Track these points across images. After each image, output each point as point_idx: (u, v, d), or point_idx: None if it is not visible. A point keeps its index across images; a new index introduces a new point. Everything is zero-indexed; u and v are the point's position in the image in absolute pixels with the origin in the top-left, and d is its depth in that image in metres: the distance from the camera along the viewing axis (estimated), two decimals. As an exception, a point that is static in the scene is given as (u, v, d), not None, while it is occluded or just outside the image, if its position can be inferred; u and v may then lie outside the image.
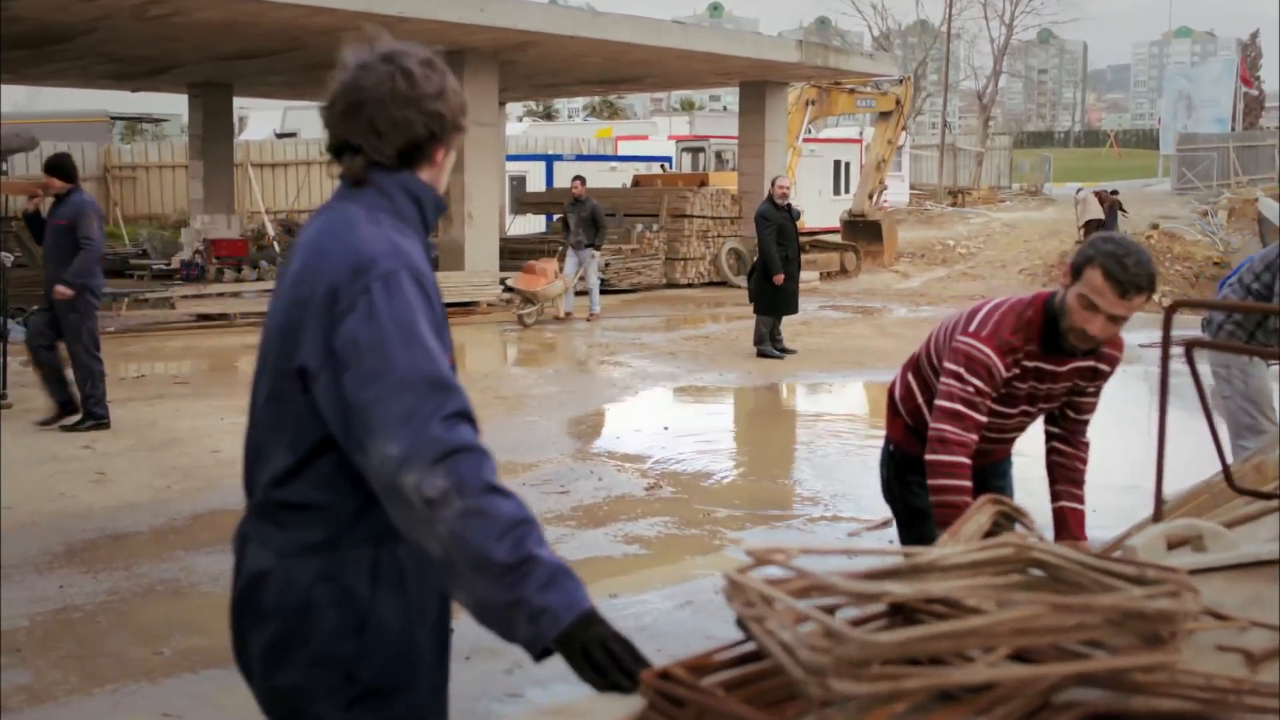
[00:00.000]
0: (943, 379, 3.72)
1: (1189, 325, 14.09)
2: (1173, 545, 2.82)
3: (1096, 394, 3.94)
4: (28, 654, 4.83)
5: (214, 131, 23.33)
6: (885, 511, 7.19)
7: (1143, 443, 10.49)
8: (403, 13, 14.91)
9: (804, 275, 18.45)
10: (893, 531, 6.54)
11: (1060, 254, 27.65)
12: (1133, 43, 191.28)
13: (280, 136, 33.54)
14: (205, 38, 16.50)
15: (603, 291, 17.65)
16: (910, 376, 4.17)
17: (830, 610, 1.92)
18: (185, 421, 9.39)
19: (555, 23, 16.27)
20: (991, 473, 4.22)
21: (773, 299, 13.35)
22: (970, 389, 3.64)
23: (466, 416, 2.03)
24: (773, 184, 13.65)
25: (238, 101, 24.54)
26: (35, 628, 5.10)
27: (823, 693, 1.65)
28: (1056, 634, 1.75)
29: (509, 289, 16.78)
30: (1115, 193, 31.25)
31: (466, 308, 17.39)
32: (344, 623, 2.20)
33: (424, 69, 2.31)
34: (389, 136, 2.22)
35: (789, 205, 13.53)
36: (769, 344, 13.45)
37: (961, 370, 3.65)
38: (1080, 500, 3.99)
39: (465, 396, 2.07)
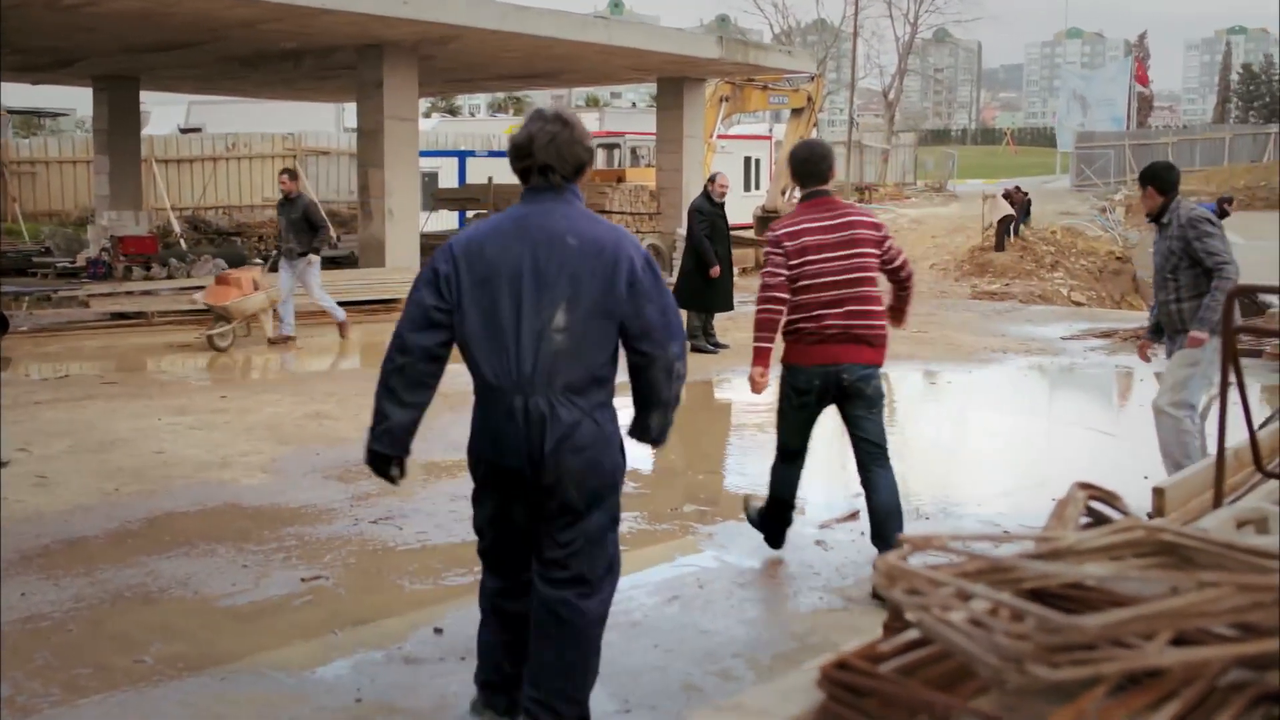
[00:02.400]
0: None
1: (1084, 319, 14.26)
2: (1240, 526, 2.85)
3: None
4: (2, 666, 4.63)
5: (120, 126, 22.74)
6: (850, 505, 7.24)
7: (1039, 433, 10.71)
8: (324, 5, 14.63)
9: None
10: (865, 524, 6.57)
11: (969, 249, 28.13)
12: (1025, 43, 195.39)
13: (185, 131, 32.83)
14: (119, 29, 16.06)
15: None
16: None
17: (966, 597, 1.90)
18: (123, 422, 9.12)
19: (479, 16, 16.09)
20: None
21: (703, 293, 13.35)
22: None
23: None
24: (711, 180, 13.64)
25: (141, 96, 23.93)
26: (4, 638, 4.90)
27: (1021, 679, 1.62)
28: (1235, 614, 1.74)
29: (207, 306, 13.79)
30: (1026, 194, 31.89)
31: (388, 304, 17.15)
32: (618, 446, 3.88)
33: (580, 123, 3.82)
34: (569, 163, 3.79)
35: (722, 203, 13.54)
36: (702, 339, 13.47)
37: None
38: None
39: None
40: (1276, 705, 1.84)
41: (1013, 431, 10.19)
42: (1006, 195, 29.92)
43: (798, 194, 6.09)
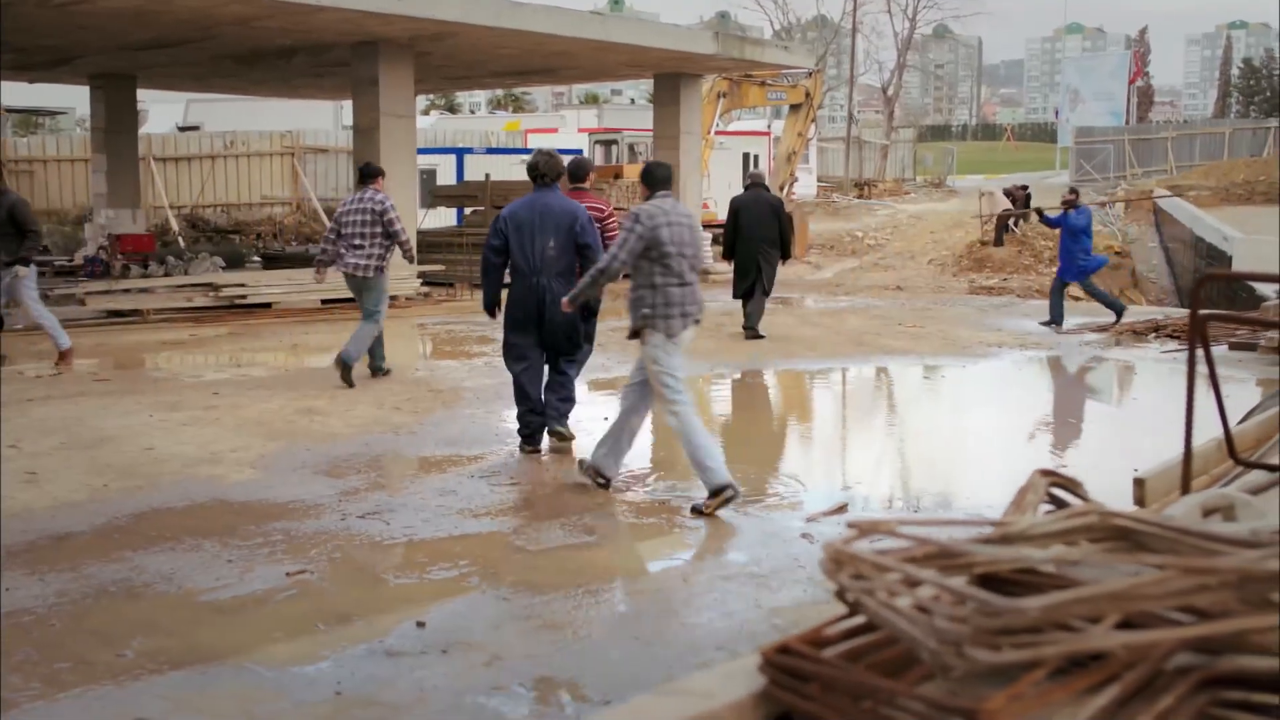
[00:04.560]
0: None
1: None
2: (1206, 514, 2.84)
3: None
4: (-16, 660, 4.63)
5: (117, 124, 22.72)
6: (838, 497, 7.24)
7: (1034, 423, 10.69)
8: (319, 2, 14.61)
9: (719, 266, 18.59)
10: (849, 517, 6.56)
11: (967, 245, 28.10)
12: (1026, 38, 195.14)
13: (183, 130, 32.82)
14: (113, 26, 16.05)
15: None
16: None
17: (913, 584, 1.89)
18: (114, 419, 9.12)
19: (474, 13, 16.07)
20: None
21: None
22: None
23: None
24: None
25: (139, 94, 23.92)
26: (-14, 633, 4.89)
27: (960, 662, 1.61)
28: (1179, 597, 1.73)
29: None
30: (1025, 188, 31.85)
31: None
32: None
33: (557, 155, 8.39)
34: (554, 173, 8.25)
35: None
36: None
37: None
38: None
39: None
40: (1225, 689, 1.83)
41: (1005, 424, 10.18)
42: (1008, 192, 29.89)
43: (797, 188, 6.60)
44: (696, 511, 6.66)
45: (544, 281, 7.90)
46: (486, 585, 5.58)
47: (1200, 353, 3.08)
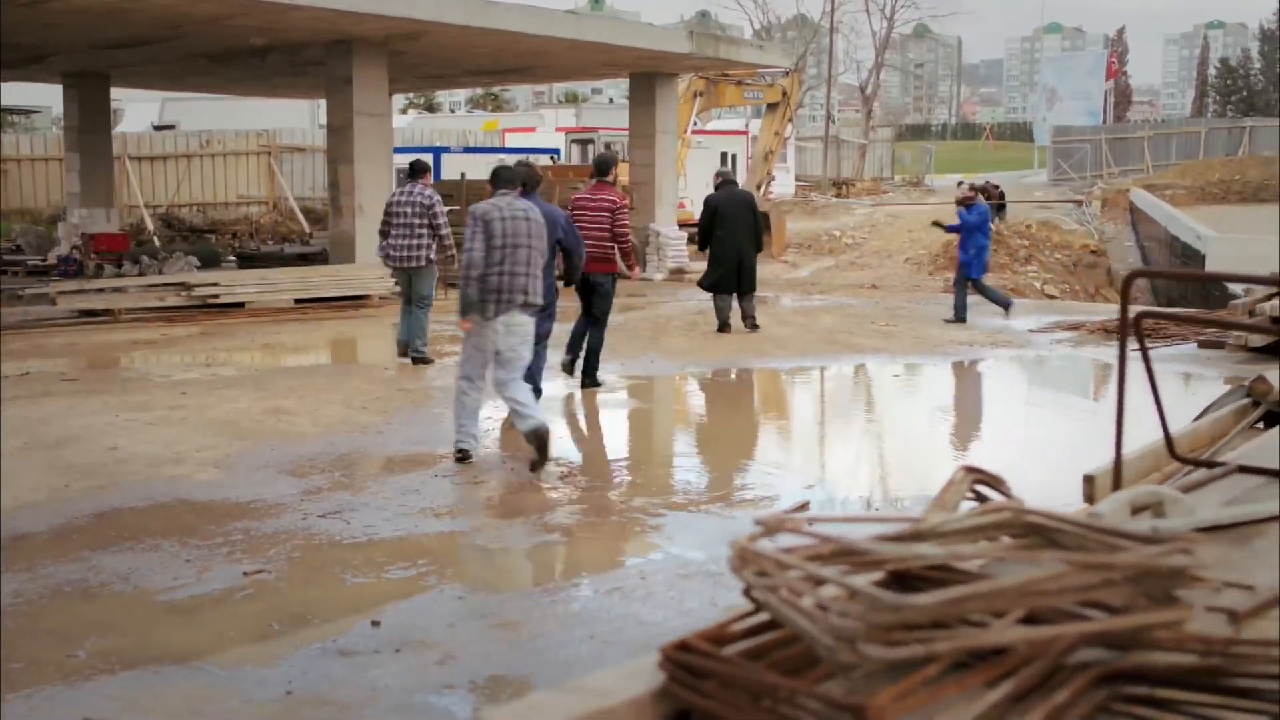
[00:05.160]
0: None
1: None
2: (1135, 511, 2.86)
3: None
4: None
5: (90, 123, 22.62)
6: (799, 496, 7.25)
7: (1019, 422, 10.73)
8: (292, 0, 14.59)
9: (696, 265, 18.64)
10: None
11: (944, 243, 28.16)
12: (1005, 38, 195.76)
13: (158, 129, 32.69)
14: (84, 24, 15.97)
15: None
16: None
17: (821, 582, 1.90)
18: (79, 419, 9.08)
19: (447, 11, 16.06)
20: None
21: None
22: None
23: None
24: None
25: (113, 93, 23.82)
26: (-62, 633, 4.87)
27: (853, 658, 1.62)
28: (1080, 592, 1.74)
29: None
30: (998, 187, 31.99)
31: (358, 300, 17.12)
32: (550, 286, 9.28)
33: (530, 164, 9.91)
34: (531, 182, 8.73)
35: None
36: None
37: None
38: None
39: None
40: (1129, 684, 1.84)
41: (969, 422, 10.22)
42: (982, 190, 29.94)
43: (774, 187, 7.12)
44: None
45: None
46: (443, 584, 5.58)
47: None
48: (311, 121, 34.48)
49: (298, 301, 16.67)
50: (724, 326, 14.37)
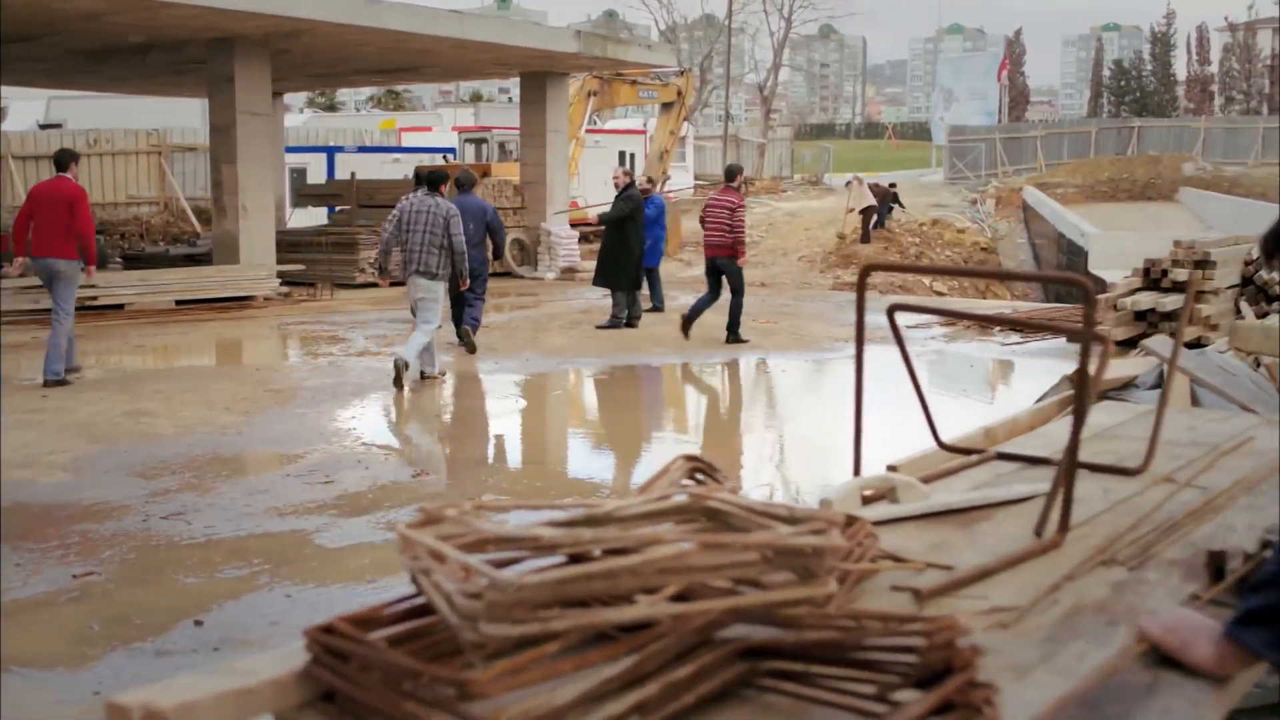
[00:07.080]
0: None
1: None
2: (871, 499, 2.97)
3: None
4: None
5: (-32, 122, 22.15)
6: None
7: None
8: (167, -3, 14.41)
9: (586, 265, 18.71)
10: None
11: (836, 242, 28.54)
12: (910, 39, 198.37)
13: (44, 127, 32.03)
14: (-47, 21, 15.64)
15: (359, 285, 17.05)
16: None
17: (502, 565, 1.97)
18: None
19: (327, 9, 15.97)
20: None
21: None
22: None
23: None
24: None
25: (-3, 90, 23.35)
26: None
27: (476, 637, 1.69)
28: (711, 571, 1.83)
29: None
30: (893, 185, 32.45)
31: (242, 301, 16.97)
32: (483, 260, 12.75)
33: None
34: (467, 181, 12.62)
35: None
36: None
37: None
38: None
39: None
40: (766, 659, 1.93)
41: (831, 416, 10.37)
42: (873, 186, 30.39)
43: (669, 186, 7.12)
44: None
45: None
46: (275, 583, 5.59)
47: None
48: (204, 120, 33.95)
49: (180, 303, 16.48)
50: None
